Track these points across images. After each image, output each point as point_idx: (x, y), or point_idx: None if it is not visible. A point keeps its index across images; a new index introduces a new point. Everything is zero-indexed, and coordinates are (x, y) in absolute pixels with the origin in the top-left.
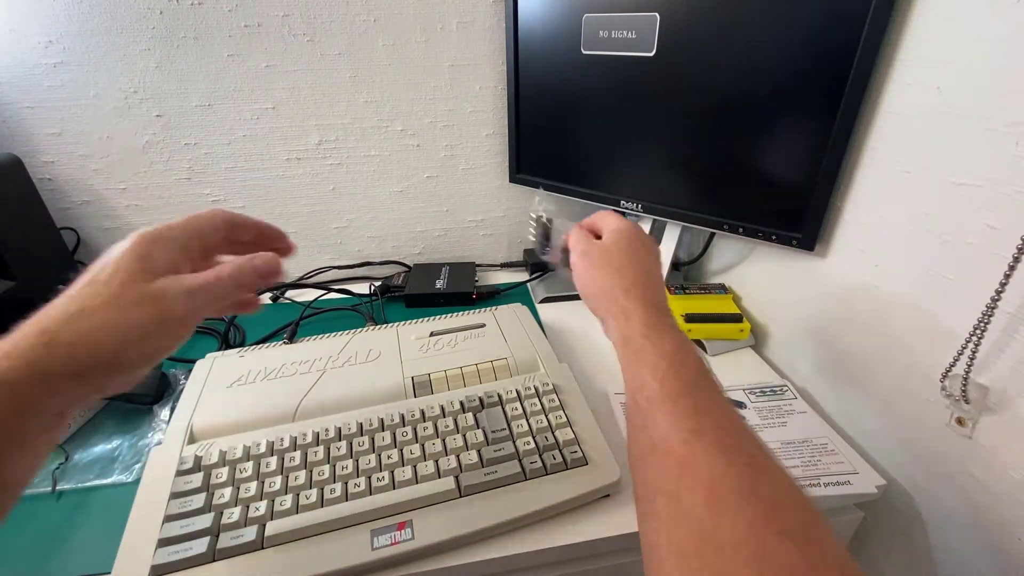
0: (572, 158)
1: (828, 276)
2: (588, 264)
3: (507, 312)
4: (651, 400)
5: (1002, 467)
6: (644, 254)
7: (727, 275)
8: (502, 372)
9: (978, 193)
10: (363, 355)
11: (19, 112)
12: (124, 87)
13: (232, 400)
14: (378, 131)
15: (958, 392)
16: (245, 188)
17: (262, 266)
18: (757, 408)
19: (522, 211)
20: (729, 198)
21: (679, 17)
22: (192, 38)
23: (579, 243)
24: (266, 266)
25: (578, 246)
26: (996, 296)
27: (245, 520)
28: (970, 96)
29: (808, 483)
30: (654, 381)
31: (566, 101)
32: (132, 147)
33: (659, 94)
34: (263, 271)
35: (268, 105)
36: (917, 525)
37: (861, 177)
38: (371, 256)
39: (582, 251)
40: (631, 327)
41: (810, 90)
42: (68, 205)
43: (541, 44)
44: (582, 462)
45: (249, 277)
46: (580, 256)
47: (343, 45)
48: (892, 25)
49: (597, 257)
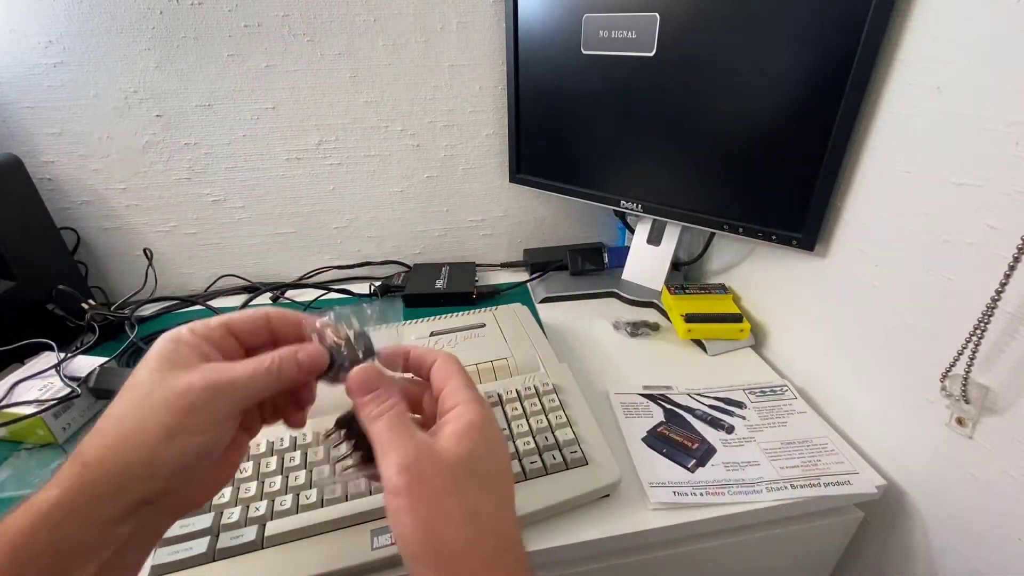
0: (572, 158)
1: (828, 276)
2: (422, 491)
3: (507, 312)
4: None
5: (1002, 467)
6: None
7: (727, 275)
8: (502, 372)
9: (978, 193)
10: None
11: (19, 112)
12: (124, 87)
13: None
14: (378, 131)
15: (958, 392)
16: (245, 188)
17: (306, 360)
18: (757, 408)
19: (522, 211)
20: (729, 198)
21: (679, 17)
22: (192, 38)
23: (401, 440)
24: (310, 360)
25: (401, 446)
26: (996, 296)
27: (245, 520)
28: (970, 96)
29: (808, 483)
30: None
31: (566, 101)
32: (132, 147)
33: (659, 94)
34: (307, 365)
35: (268, 105)
36: (917, 525)
37: (861, 177)
38: (371, 256)
39: (409, 461)
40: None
41: (810, 90)
42: (68, 205)
43: (541, 44)
44: (582, 462)
45: (290, 370)
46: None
47: (343, 45)
48: (892, 25)
49: (440, 480)
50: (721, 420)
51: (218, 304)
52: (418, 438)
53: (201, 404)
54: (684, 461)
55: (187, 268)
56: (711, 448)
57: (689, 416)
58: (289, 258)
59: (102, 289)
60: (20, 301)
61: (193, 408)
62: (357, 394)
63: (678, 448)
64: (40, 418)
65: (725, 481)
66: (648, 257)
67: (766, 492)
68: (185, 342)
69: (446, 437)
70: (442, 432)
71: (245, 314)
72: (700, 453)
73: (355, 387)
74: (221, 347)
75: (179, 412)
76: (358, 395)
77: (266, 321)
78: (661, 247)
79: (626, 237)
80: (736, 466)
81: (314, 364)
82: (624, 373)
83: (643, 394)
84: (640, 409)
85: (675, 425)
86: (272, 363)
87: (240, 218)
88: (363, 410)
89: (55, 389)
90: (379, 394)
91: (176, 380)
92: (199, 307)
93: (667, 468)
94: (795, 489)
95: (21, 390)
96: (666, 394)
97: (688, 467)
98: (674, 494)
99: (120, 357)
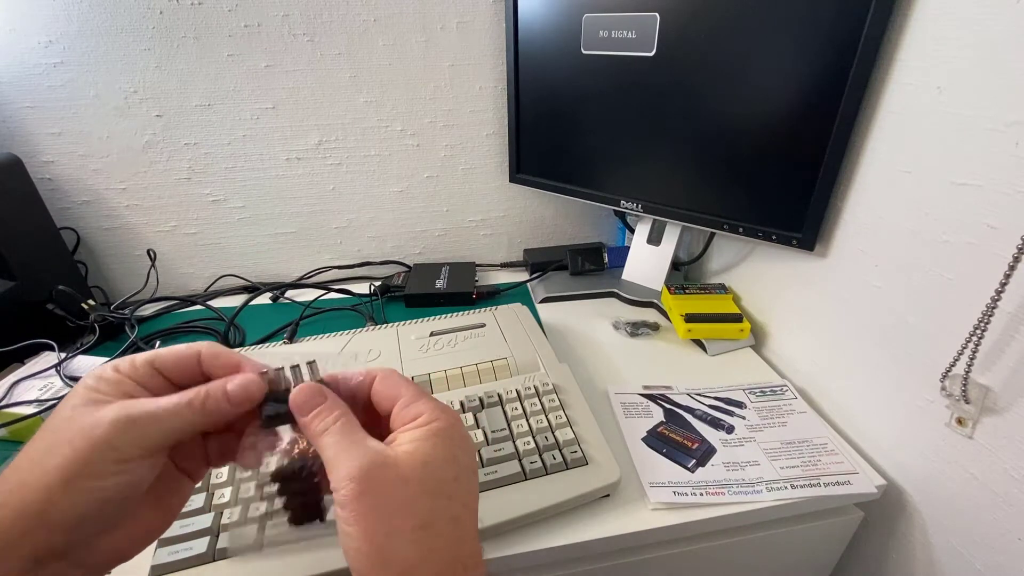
0: (572, 158)
1: (828, 276)
2: (371, 502)
3: (507, 312)
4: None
5: (1002, 467)
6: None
7: (727, 275)
8: (502, 372)
9: (978, 193)
10: (363, 355)
11: (19, 112)
12: (124, 87)
13: None
14: (378, 131)
15: (958, 392)
16: (245, 188)
17: (237, 391)
18: (757, 408)
19: (522, 211)
20: (729, 198)
21: (679, 17)
22: (192, 38)
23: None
24: (242, 391)
25: (349, 455)
26: (996, 296)
27: (245, 520)
28: (970, 96)
29: (808, 483)
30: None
31: (566, 101)
32: (132, 147)
33: (659, 94)
34: (238, 396)
35: (268, 105)
36: (917, 525)
37: (861, 177)
38: (371, 256)
39: (358, 470)
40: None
41: (810, 90)
42: (68, 205)
43: (541, 44)
44: (582, 462)
45: (218, 403)
46: (352, 482)
47: (343, 45)
48: (892, 25)
49: (391, 490)
50: (721, 420)
51: (218, 304)
52: (368, 445)
53: (109, 441)
54: (684, 461)
55: (187, 268)
56: (711, 448)
57: (689, 416)
58: (289, 258)
59: (102, 289)
60: (20, 301)
61: (97, 446)
62: (300, 413)
63: (678, 448)
64: (40, 418)
65: (725, 481)
66: (648, 257)
67: (766, 492)
68: (107, 379)
69: (402, 443)
70: (398, 439)
71: (174, 351)
72: (700, 453)
73: (298, 406)
74: (148, 385)
75: (82, 451)
76: (301, 414)
77: (197, 359)
78: (661, 247)
79: (626, 237)
80: (736, 466)
81: (246, 396)
82: (624, 373)
83: (643, 394)
84: (640, 409)
85: (675, 425)
86: (197, 395)
87: (240, 218)
88: (308, 429)
89: (55, 389)
90: (323, 409)
91: (87, 417)
92: (199, 307)
93: (667, 468)
94: (795, 489)
95: (21, 390)
96: (666, 394)
97: (688, 467)
98: (674, 494)
99: (120, 357)
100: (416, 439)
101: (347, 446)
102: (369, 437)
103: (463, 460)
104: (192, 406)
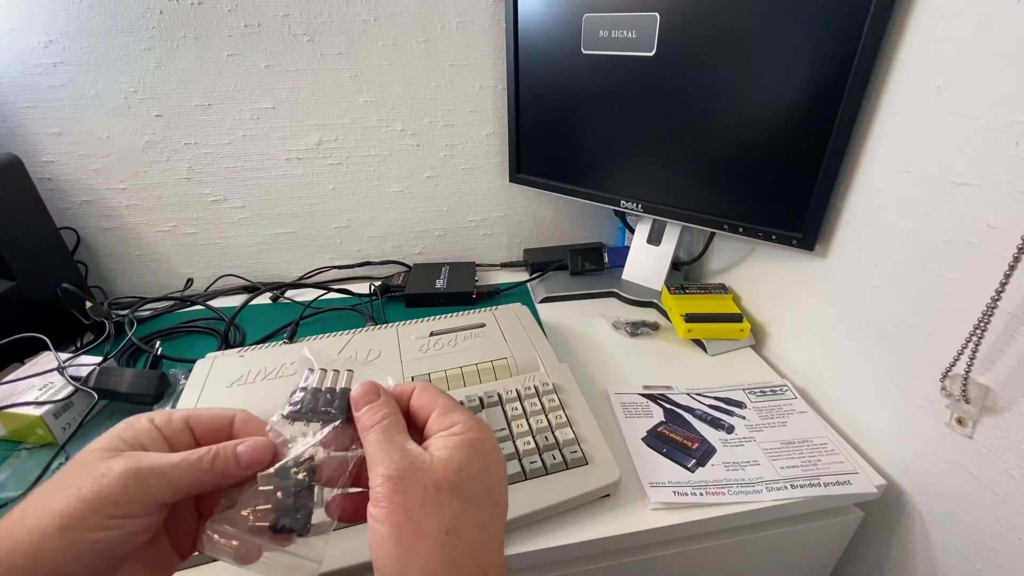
0: (572, 158)
1: (828, 276)
2: (401, 503)
3: (507, 312)
4: None
5: (1002, 467)
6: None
7: (727, 275)
8: (502, 372)
9: (978, 193)
10: (363, 355)
11: (19, 112)
12: (124, 87)
13: (232, 400)
14: (378, 131)
15: (958, 392)
16: (245, 188)
17: (246, 453)
18: (757, 408)
19: (522, 211)
20: (729, 198)
21: (679, 17)
22: (192, 38)
23: (389, 451)
24: (251, 453)
25: (388, 456)
26: (996, 296)
27: None
28: (970, 96)
29: (808, 483)
30: None
31: (566, 101)
32: (132, 147)
33: (659, 94)
34: (247, 459)
35: (268, 105)
36: (917, 525)
37: (861, 177)
38: (371, 256)
39: (393, 471)
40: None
41: (810, 90)
42: (68, 205)
43: (541, 44)
44: (582, 462)
45: (226, 464)
46: (388, 482)
47: (343, 45)
48: (892, 25)
49: (421, 494)
50: (721, 420)
51: (218, 304)
52: (407, 449)
53: (114, 493)
54: (684, 461)
55: (187, 268)
56: (711, 448)
57: (689, 416)
58: (289, 258)
59: (102, 289)
60: (20, 301)
61: (101, 496)
62: (355, 406)
63: (678, 448)
64: (40, 418)
65: (725, 481)
66: (648, 257)
67: (766, 492)
68: (136, 428)
69: (437, 449)
70: (433, 445)
71: (212, 413)
72: (700, 453)
73: (355, 398)
74: (175, 440)
75: (87, 500)
76: (356, 408)
77: (231, 424)
78: (661, 247)
79: (626, 237)
80: (736, 466)
81: (255, 458)
82: (624, 373)
83: (643, 394)
84: (640, 409)
85: (675, 425)
86: (206, 454)
87: (240, 218)
88: (359, 421)
89: (55, 389)
90: (375, 405)
91: (100, 464)
92: (199, 307)
93: (667, 468)
94: (795, 489)
95: (21, 390)
96: (666, 394)
97: (688, 467)
98: (674, 494)
99: (119, 357)
100: (451, 447)
101: (387, 446)
102: (410, 440)
103: (495, 471)
104: (201, 464)
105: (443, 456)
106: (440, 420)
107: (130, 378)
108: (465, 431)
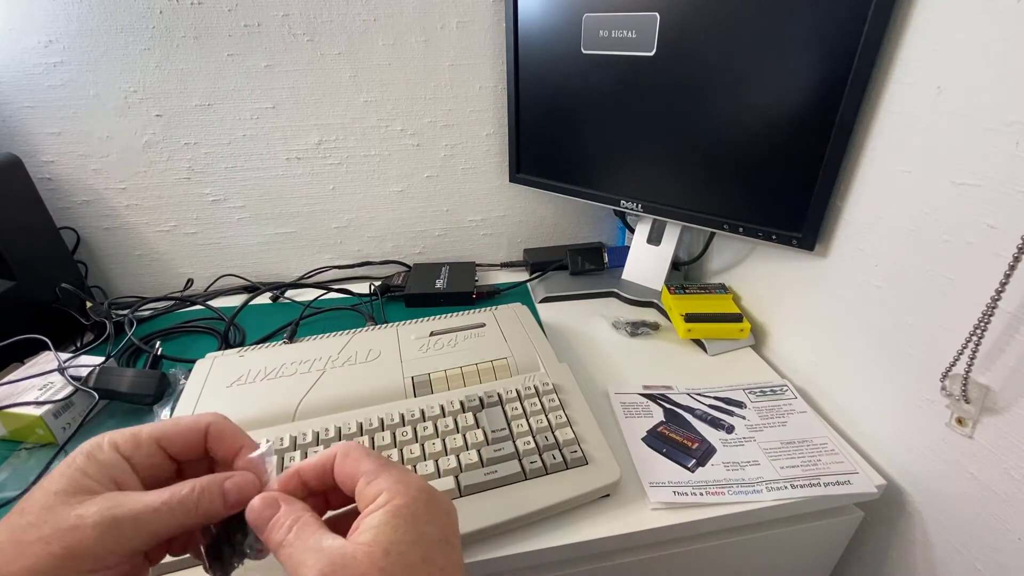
0: (572, 158)
1: (828, 276)
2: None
3: (507, 312)
4: None
5: (1002, 467)
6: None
7: (727, 275)
8: (502, 372)
9: (978, 193)
10: (363, 355)
11: (19, 112)
12: (124, 87)
13: (232, 400)
14: (378, 131)
15: (958, 392)
16: (245, 188)
17: (234, 490)
18: (757, 408)
19: (522, 211)
20: (729, 198)
21: (679, 17)
22: (192, 38)
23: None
24: (239, 491)
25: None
26: (996, 296)
27: None
28: (970, 96)
29: (808, 483)
30: None
31: (566, 101)
32: (132, 147)
33: (659, 94)
34: (235, 497)
35: (268, 105)
36: (917, 525)
37: (861, 177)
38: (371, 256)
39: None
40: None
41: (810, 89)
42: (68, 205)
43: (541, 44)
44: (582, 462)
45: (212, 503)
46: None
47: (343, 45)
48: (892, 25)
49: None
50: (721, 420)
51: (218, 304)
52: (324, 548)
53: (87, 545)
54: (684, 461)
55: (187, 268)
56: (711, 448)
57: (689, 416)
58: (289, 258)
59: (102, 289)
60: (20, 301)
61: (72, 552)
62: (258, 530)
63: (678, 448)
64: (40, 418)
65: (725, 481)
66: (648, 257)
67: (766, 492)
68: (100, 461)
69: (363, 532)
70: (360, 527)
71: (181, 427)
72: (700, 453)
73: (254, 524)
74: (147, 465)
75: (56, 557)
76: (259, 532)
77: (204, 433)
78: (661, 247)
79: (626, 237)
80: (736, 466)
81: (243, 496)
82: (624, 373)
83: (643, 394)
84: (640, 409)
85: (675, 425)
86: (190, 493)
87: (240, 218)
88: (268, 543)
89: (55, 389)
90: (278, 518)
91: (68, 512)
92: (199, 307)
93: (667, 468)
94: (795, 489)
95: (21, 390)
96: (666, 394)
97: (688, 467)
98: (674, 494)
99: (119, 357)
100: (376, 525)
101: (302, 553)
102: (328, 536)
103: (430, 534)
104: (184, 505)
105: (367, 540)
106: (364, 491)
107: (130, 378)
108: (390, 498)
